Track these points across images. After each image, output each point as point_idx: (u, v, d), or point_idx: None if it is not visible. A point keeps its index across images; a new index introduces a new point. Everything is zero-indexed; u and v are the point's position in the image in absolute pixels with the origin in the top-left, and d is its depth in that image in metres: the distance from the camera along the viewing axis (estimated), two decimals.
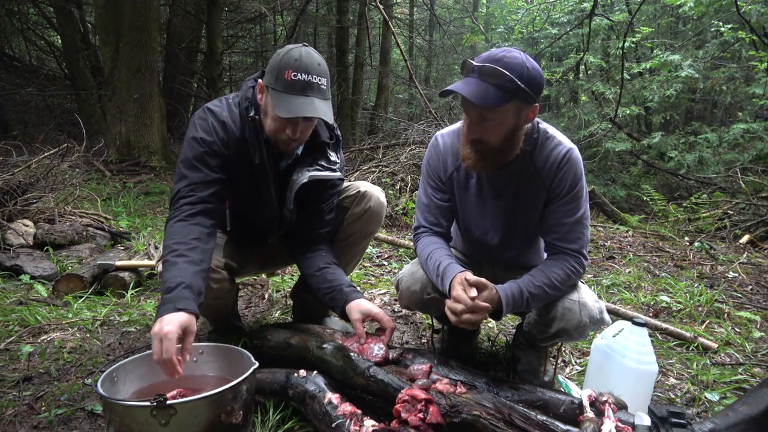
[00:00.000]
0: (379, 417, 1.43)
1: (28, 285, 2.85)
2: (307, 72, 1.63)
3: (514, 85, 1.45)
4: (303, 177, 1.85)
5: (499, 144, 1.56)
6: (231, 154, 1.75)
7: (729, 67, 8.32)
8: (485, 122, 1.52)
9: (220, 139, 1.73)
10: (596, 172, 8.84)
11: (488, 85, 1.46)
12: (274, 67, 1.66)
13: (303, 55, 1.64)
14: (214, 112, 1.76)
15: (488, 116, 1.51)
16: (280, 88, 1.63)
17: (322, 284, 1.87)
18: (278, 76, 1.64)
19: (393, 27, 8.08)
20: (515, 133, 1.57)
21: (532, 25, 10.70)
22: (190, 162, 1.70)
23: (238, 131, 1.76)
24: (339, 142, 1.98)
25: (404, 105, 14.29)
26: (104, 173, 6.56)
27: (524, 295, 1.58)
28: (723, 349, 2.36)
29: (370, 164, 5.96)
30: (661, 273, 3.71)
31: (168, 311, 1.38)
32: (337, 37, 11.72)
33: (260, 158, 1.78)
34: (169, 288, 1.44)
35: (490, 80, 1.46)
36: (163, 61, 10.18)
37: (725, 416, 1.32)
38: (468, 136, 1.59)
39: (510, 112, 1.51)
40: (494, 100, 1.46)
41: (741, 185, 5.96)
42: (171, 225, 1.63)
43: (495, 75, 1.45)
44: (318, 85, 1.65)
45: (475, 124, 1.55)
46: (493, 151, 1.57)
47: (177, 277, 1.46)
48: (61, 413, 1.63)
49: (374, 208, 2.06)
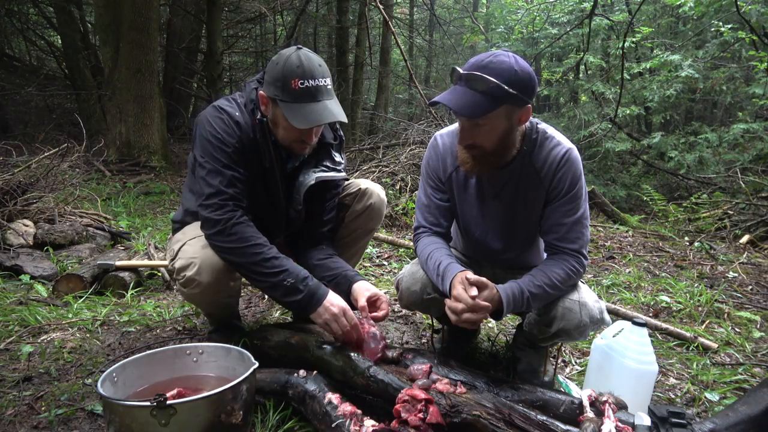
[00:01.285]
0: (379, 417, 1.43)
1: (28, 285, 2.85)
2: (312, 77, 1.62)
3: (501, 91, 1.44)
4: (310, 178, 1.87)
5: (493, 147, 1.57)
6: (247, 154, 1.76)
7: (729, 67, 8.32)
8: (477, 128, 1.53)
9: (239, 139, 1.74)
10: (596, 172, 8.84)
11: (475, 93, 1.46)
12: (276, 78, 1.65)
13: (303, 60, 1.63)
14: (227, 111, 1.76)
15: (479, 122, 1.51)
16: (289, 98, 1.63)
17: (325, 272, 1.89)
18: (284, 87, 1.63)
19: (393, 27, 8.08)
20: (509, 136, 1.57)
21: (532, 25, 10.70)
22: (220, 160, 1.69)
23: (250, 132, 1.76)
24: (342, 142, 2.00)
25: (404, 105, 14.31)
26: (104, 173, 6.56)
27: (525, 294, 1.58)
28: (723, 349, 2.36)
29: (370, 164, 5.96)
30: (661, 273, 3.71)
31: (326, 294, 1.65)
32: (337, 37, 11.72)
33: (270, 161, 1.79)
34: (305, 276, 1.66)
35: (478, 87, 1.46)
36: (163, 61, 10.17)
37: (725, 416, 1.32)
38: (462, 142, 1.59)
39: (501, 117, 1.51)
40: (482, 108, 1.46)
41: (741, 185, 5.96)
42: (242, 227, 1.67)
43: (481, 82, 1.45)
44: (325, 87, 1.65)
45: (466, 130, 1.55)
46: (488, 154, 1.58)
47: (300, 270, 1.68)
48: (61, 413, 1.63)
49: (375, 205, 2.07)
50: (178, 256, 1.79)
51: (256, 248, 1.64)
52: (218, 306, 1.96)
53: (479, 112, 1.46)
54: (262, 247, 1.66)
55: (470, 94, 1.47)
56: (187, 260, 1.75)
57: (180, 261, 1.76)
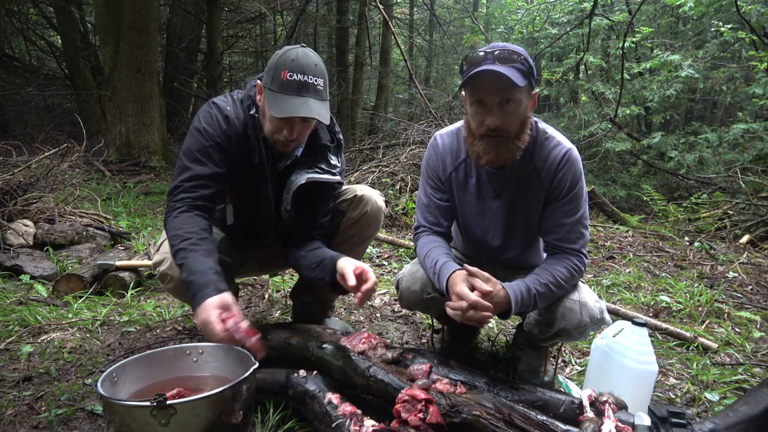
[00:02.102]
0: (379, 417, 1.43)
1: (28, 285, 2.85)
2: (302, 72, 1.62)
3: (527, 66, 1.52)
4: (301, 178, 1.83)
5: (516, 131, 1.56)
6: (233, 149, 1.75)
7: (729, 67, 8.32)
8: (506, 106, 1.52)
9: (223, 133, 1.73)
10: (596, 172, 8.84)
11: (507, 67, 1.49)
12: (271, 67, 1.66)
13: (299, 56, 1.64)
14: (218, 105, 1.77)
15: (511, 98, 1.51)
16: (276, 88, 1.63)
17: (311, 261, 1.84)
18: (275, 77, 1.63)
19: (393, 27, 8.08)
20: (527, 120, 1.59)
21: (532, 25, 10.71)
22: (193, 154, 1.70)
23: (240, 127, 1.76)
24: (340, 145, 1.96)
25: (404, 105, 14.29)
26: (104, 173, 6.56)
27: (532, 292, 1.58)
28: (723, 349, 2.36)
29: (370, 164, 5.96)
30: (661, 273, 3.71)
31: (209, 295, 1.43)
32: (337, 37, 11.71)
33: (259, 158, 1.78)
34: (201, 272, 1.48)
35: (511, 60, 1.50)
36: (163, 61, 10.18)
37: (725, 416, 1.32)
38: (485, 127, 1.54)
39: (525, 95, 1.55)
40: (518, 79, 1.48)
41: (741, 185, 5.96)
42: (174, 216, 1.63)
43: (513, 58, 1.50)
44: (314, 86, 1.64)
45: (495, 110, 1.52)
46: (511, 138, 1.56)
47: (204, 263, 1.50)
48: (61, 413, 1.63)
49: (371, 212, 2.03)
50: (159, 251, 1.83)
51: (174, 240, 1.59)
52: None
53: (518, 81, 1.48)
54: (178, 239, 1.58)
55: (504, 68, 1.48)
56: (162, 255, 1.78)
57: (157, 256, 1.81)
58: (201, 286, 1.46)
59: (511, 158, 1.61)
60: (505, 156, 1.59)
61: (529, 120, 1.61)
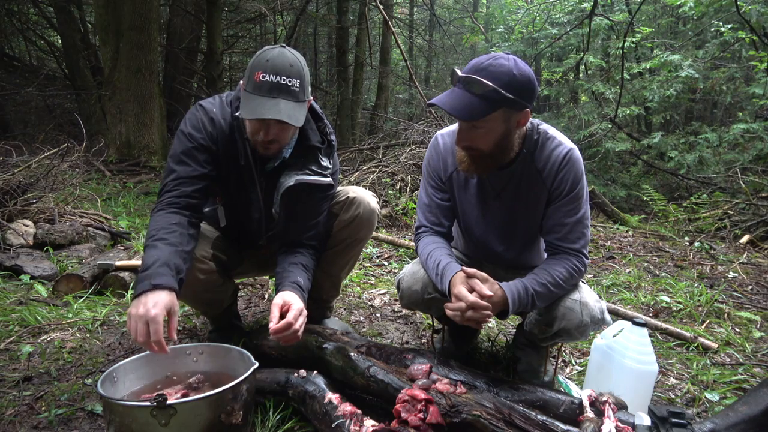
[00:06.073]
0: (379, 417, 1.43)
1: (28, 285, 2.85)
2: (275, 73, 1.58)
3: (498, 95, 1.44)
4: (290, 180, 1.79)
5: (491, 150, 1.57)
6: (219, 150, 1.74)
7: (729, 67, 8.32)
8: (474, 131, 1.53)
9: (208, 134, 1.72)
10: (596, 172, 8.84)
11: (472, 96, 1.46)
12: (248, 68, 1.65)
13: (275, 57, 1.61)
14: (204, 107, 1.76)
15: (476, 125, 1.51)
16: (250, 89, 1.61)
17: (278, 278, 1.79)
18: (250, 78, 1.62)
19: (393, 27, 8.08)
20: (507, 139, 1.57)
21: (532, 25, 10.69)
22: (178, 156, 1.70)
23: (227, 128, 1.75)
24: (332, 146, 1.90)
25: (404, 105, 14.30)
26: (104, 173, 6.56)
27: (529, 292, 1.58)
28: (723, 349, 2.36)
29: (370, 164, 5.96)
30: (661, 273, 3.71)
31: (144, 288, 1.38)
32: (337, 37, 11.71)
33: (245, 159, 1.77)
34: (146, 266, 1.45)
35: (475, 90, 1.46)
36: (163, 61, 10.17)
37: (725, 416, 1.32)
38: (459, 143, 1.59)
39: (498, 120, 1.51)
40: (478, 111, 1.46)
41: (741, 185, 5.95)
42: (153, 215, 1.63)
43: (478, 86, 1.45)
44: (287, 87, 1.59)
45: (464, 132, 1.55)
46: (485, 156, 1.58)
47: (153, 256, 1.47)
48: (61, 413, 1.63)
49: (363, 214, 1.99)
50: None
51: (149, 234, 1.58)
52: (199, 301, 1.95)
53: (475, 115, 1.46)
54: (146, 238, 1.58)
55: (467, 96, 1.47)
56: None
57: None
58: (141, 278, 1.43)
59: (492, 168, 1.64)
60: (484, 168, 1.62)
61: (512, 138, 1.59)
